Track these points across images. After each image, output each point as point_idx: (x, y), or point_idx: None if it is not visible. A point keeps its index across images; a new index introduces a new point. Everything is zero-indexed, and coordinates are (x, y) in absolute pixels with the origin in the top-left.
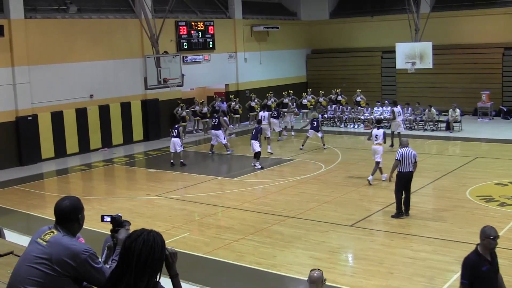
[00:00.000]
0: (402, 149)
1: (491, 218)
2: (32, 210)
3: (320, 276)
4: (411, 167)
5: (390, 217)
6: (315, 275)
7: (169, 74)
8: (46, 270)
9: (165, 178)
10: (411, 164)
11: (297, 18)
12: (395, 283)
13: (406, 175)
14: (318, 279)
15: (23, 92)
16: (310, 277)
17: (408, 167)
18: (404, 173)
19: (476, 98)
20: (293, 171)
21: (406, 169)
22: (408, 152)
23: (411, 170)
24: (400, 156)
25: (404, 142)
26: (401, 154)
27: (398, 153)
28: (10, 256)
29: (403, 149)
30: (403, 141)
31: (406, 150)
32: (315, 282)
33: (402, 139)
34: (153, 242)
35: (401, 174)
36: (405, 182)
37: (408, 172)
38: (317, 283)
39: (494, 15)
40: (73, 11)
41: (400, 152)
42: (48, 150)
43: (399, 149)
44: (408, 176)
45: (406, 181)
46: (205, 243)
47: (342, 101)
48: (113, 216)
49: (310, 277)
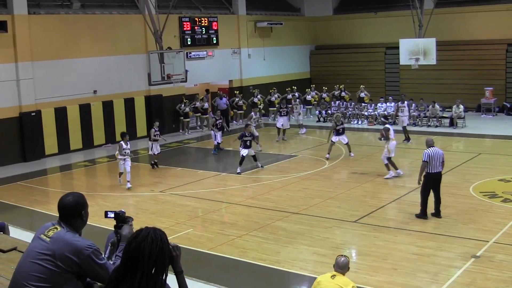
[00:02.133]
0: (428, 150)
1: (495, 214)
2: (35, 206)
3: (347, 262)
4: (440, 167)
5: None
6: (342, 259)
7: (172, 70)
8: (49, 266)
9: (169, 174)
10: (439, 164)
11: (300, 14)
12: (399, 279)
13: (435, 175)
14: (345, 265)
15: (27, 88)
16: (337, 262)
17: (437, 167)
18: (433, 174)
19: (479, 94)
20: (296, 167)
21: (435, 169)
22: (435, 152)
23: (440, 170)
24: (427, 157)
25: (429, 142)
26: (428, 155)
27: (425, 154)
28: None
29: (430, 149)
30: (429, 141)
31: (432, 150)
32: (342, 268)
33: (427, 139)
34: (161, 241)
35: (429, 175)
36: (433, 182)
37: (437, 173)
38: (344, 268)
39: (497, 11)
40: (77, 6)
41: (426, 153)
42: (51, 146)
43: (426, 150)
44: (437, 176)
45: (435, 181)
46: (209, 239)
47: (346, 97)
48: (116, 212)
49: (337, 263)
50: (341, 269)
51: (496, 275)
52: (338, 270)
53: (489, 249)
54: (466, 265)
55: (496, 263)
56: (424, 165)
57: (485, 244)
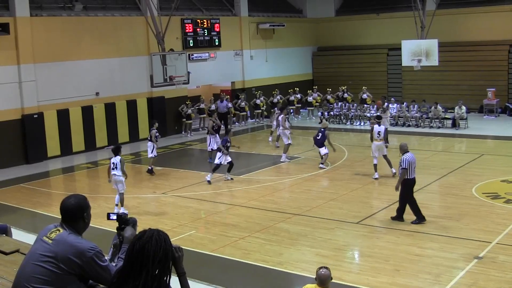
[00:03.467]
0: (406, 156)
1: (497, 215)
2: (38, 208)
3: (328, 275)
4: (415, 172)
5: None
6: (322, 272)
7: (175, 72)
8: (52, 268)
9: (171, 175)
10: (414, 169)
11: (303, 16)
12: (401, 280)
13: (413, 181)
14: (326, 278)
15: (29, 90)
16: (318, 275)
17: (413, 172)
18: (411, 180)
19: (482, 95)
20: (299, 168)
21: (413, 174)
22: (412, 158)
23: (414, 175)
24: (407, 164)
25: (404, 147)
26: (407, 161)
27: (405, 160)
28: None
29: (407, 155)
30: (403, 146)
31: (410, 156)
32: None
33: (401, 144)
34: (165, 243)
35: (408, 181)
36: (412, 188)
37: (413, 178)
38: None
39: (499, 12)
40: (79, 8)
41: (406, 160)
42: (54, 148)
43: (403, 156)
44: (414, 182)
45: (413, 187)
46: (211, 241)
47: (348, 98)
48: (119, 214)
49: (318, 276)
50: (323, 283)
51: (499, 276)
52: (320, 285)
53: (491, 250)
54: (468, 266)
55: (498, 264)
56: (404, 172)
57: (488, 245)
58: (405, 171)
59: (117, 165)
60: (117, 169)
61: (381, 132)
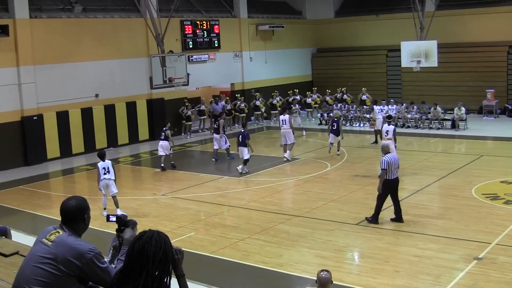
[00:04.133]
0: (386, 157)
1: (497, 216)
2: (37, 210)
3: (328, 277)
4: (397, 173)
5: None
6: (323, 275)
7: (174, 74)
8: (51, 270)
9: (171, 177)
10: (396, 170)
11: (302, 17)
12: (401, 281)
13: (394, 181)
14: (327, 281)
15: (29, 92)
16: (319, 278)
17: (394, 173)
18: (392, 180)
19: (481, 96)
20: (298, 170)
21: (393, 175)
22: (393, 158)
23: (397, 176)
24: (386, 165)
25: (386, 148)
26: (387, 162)
27: (384, 161)
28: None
29: (387, 156)
30: (384, 147)
31: (390, 157)
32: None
33: (382, 144)
34: (164, 244)
35: (388, 182)
36: (393, 189)
37: (394, 179)
38: (326, 285)
39: (499, 13)
40: (78, 10)
41: (385, 161)
42: (53, 150)
43: (384, 157)
44: (395, 182)
45: (394, 187)
46: (211, 242)
47: (348, 99)
48: (118, 216)
49: (319, 279)
50: (323, 286)
51: (499, 277)
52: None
53: (491, 251)
54: (468, 267)
55: (498, 265)
56: (384, 173)
57: (488, 246)
58: (385, 172)
59: (109, 169)
60: (109, 173)
61: (389, 131)
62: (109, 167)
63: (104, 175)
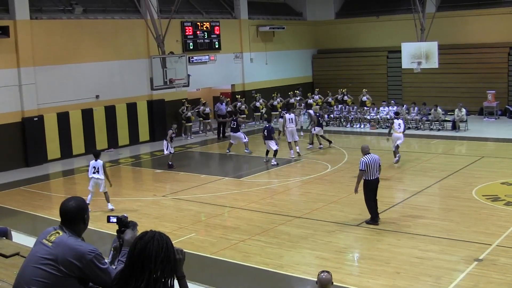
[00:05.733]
0: (365, 157)
1: (498, 217)
2: (38, 211)
3: (329, 279)
4: (377, 173)
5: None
6: (324, 276)
7: (175, 75)
8: (52, 271)
9: (172, 178)
10: (377, 170)
11: (302, 18)
12: (402, 283)
13: (374, 182)
14: (327, 282)
15: (29, 93)
16: (320, 279)
17: (374, 174)
18: (371, 181)
19: (482, 97)
20: (299, 171)
21: (373, 176)
22: (372, 159)
23: (377, 176)
24: (364, 166)
25: (365, 149)
26: (365, 163)
27: (362, 162)
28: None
29: (366, 157)
30: (364, 148)
31: (369, 158)
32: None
33: (362, 145)
34: (166, 244)
35: (368, 182)
36: (373, 189)
37: (375, 179)
38: (327, 286)
39: (499, 14)
40: (79, 11)
41: (363, 162)
42: (54, 151)
43: (362, 158)
44: (375, 183)
45: (375, 188)
46: (212, 244)
47: (348, 101)
48: (119, 217)
49: (319, 280)
50: (324, 287)
51: (499, 279)
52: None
53: (492, 253)
54: (469, 268)
55: (499, 267)
56: (361, 174)
57: (488, 247)
58: (362, 173)
59: (99, 169)
60: (98, 173)
61: (401, 124)
62: (100, 167)
63: (93, 174)
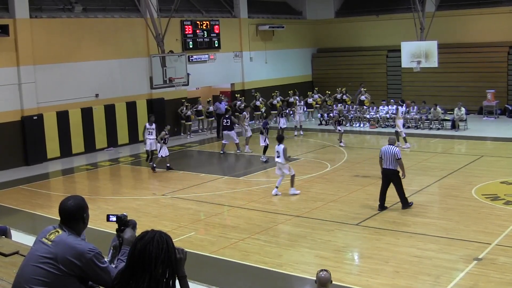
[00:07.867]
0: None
1: (497, 216)
2: (37, 210)
3: (328, 277)
4: (391, 165)
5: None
6: (323, 275)
7: (174, 74)
8: (51, 270)
9: (171, 177)
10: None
11: (302, 17)
12: (401, 281)
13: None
14: (326, 280)
15: (29, 92)
16: (319, 278)
17: (386, 163)
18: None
19: (481, 96)
20: (299, 170)
21: (385, 165)
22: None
23: (388, 167)
24: (381, 154)
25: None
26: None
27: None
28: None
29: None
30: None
31: (385, 148)
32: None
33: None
34: (166, 244)
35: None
36: (383, 178)
37: (384, 169)
38: (326, 285)
39: (499, 13)
40: (79, 10)
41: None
42: (53, 150)
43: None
44: (384, 173)
45: (384, 177)
46: (211, 243)
47: (347, 100)
48: (118, 216)
49: (318, 279)
50: (323, 286)
51: (499, 278)
52: (320, 287)
53: (491, 252)
54: (468, 267)
55: (498, 266)
56: (399, 162)
57: (487, 246)
58: (398, 161)
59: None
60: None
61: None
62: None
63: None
